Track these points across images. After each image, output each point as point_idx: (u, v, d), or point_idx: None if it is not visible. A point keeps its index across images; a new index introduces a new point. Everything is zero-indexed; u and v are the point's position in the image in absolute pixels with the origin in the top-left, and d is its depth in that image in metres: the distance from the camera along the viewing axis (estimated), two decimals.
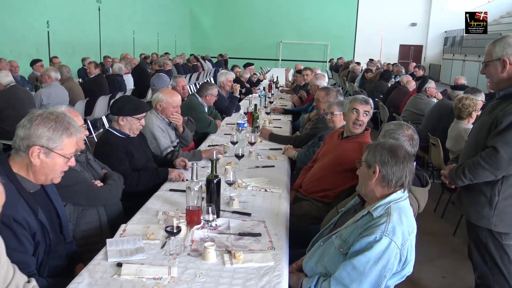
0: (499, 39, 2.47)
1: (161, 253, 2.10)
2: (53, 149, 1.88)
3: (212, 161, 2.54)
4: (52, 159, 1.89)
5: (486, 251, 2.59)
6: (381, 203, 1.96)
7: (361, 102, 3.27)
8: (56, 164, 1.91)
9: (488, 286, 2.65)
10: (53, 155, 1.88)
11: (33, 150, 1.85)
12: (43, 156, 1.86)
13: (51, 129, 1.87)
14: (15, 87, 5.54)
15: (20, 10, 10.85)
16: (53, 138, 1.87)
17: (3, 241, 1.60)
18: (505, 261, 2.55)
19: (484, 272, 2.65)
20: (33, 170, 1.90)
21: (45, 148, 1.86)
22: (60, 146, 1.89)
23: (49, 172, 1.92)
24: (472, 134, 2.73)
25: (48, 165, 1.89)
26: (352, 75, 12.66)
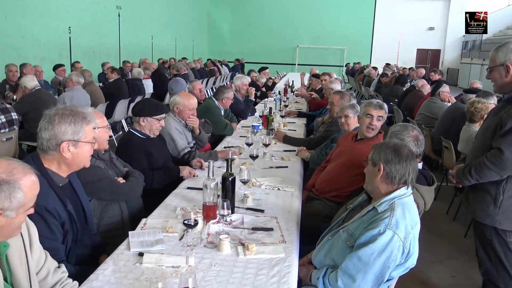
0: (501, 46, 2.57)
1: (179, 244, 2.24)
2: (79, 140, 2.06)
3: (227, 160, 2.68)
4: (80, 149, 2.07)
5: (491, 248, 2.67)
6: (385, 199, 2.08)
7: (375, 107, 3.38)
8: (85, 151, 2.11)
9: (492, 283, 2.73)
10: (81, 145, 2.07)
11: (63, 146, 2.02)
12: (72, 148, 2.04)
13: (72, 123, 2.04)
14: (40, 91, 5.78)
15: (43, 17, 11.20)
16: (76, 130, 2.05)
17: (35, 227, 1.77)
18: (509, 258, 2.63)
19: (489, 269, 2.73)
20: (67, 163, 2.07)
21: (72, 141, 2.04)
22: (83, 135, 2.07)
23: (81, 160, 2.12)
24: (478, 136, 2.82)
25: (78, 154, 2.08)
26: (368, 79, 12.72)
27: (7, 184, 1.47)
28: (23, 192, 1.49)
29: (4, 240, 1.57)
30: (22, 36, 10.59)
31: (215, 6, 27.16)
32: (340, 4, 25.58)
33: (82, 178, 2.57)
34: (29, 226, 1.73)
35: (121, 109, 7.51)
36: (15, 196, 1.47)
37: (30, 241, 1.71)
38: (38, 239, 1.77)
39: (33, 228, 1.75)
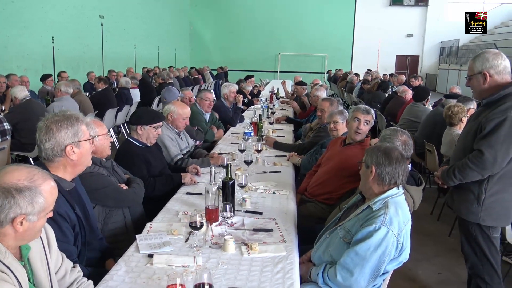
0: (478, 55, 2.79)
1: (186, 246, 2.37)
2: (80, 140, 2.17)
3: (227, 165, 2.81)
4: (83, 148, 2.19)
5: (476, 243, 2.86)
6: (379, 198, 2.24)
7: (363, 112, 3.57)
8: (87, 149, 2.23)
9: (478, 276, 2.92)
10: (82, 144, 2.19)
11: (68, 150, 2.14)
12: (76, 149, 2.16)
13: (69, 127, 2.15)
14: (30, 101, 5.82)
15: (27, 27, 11.19)
16: (75, 132, 2.16)
17: (52, 230, 1.87)
18: (493, 252, 2.83)
19: (474, 263, 2.92)
20: (73, 165, 2.18)
21: (75, 143, 2.15)
22: (82, 134, 2.19)
23: (85, 159, 2.24)
24: (460, 139, 3.02)
25: (83, 153, 2.20)
26: (350, 85, 12.98)
27: (29, 190, 1.56)
28: (43, 197, 1.59)
29: (26, 243, 1.67)
30: (5, 46, 10.57)
31: (197, 14, 27.31)
32: (321, 12, 25.98)
33: (87, 185, 2.68)
34: (47, 229, 1.83)
35: (110, 118, 7.58)
36: (37, 201, 1.57)
37: (49, 244, 1.81)
38: (55, 241, 1.87)
39: (51, 231, 1.85)
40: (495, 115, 2.64)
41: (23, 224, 1.55)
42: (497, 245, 2.85)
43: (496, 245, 2.84)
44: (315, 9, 25.94)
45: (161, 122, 3.50)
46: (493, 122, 2.63)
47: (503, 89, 2.68)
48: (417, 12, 26.17)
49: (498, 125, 2.60)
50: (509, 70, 2.73)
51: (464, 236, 2.96)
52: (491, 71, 2.71)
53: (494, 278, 2.86)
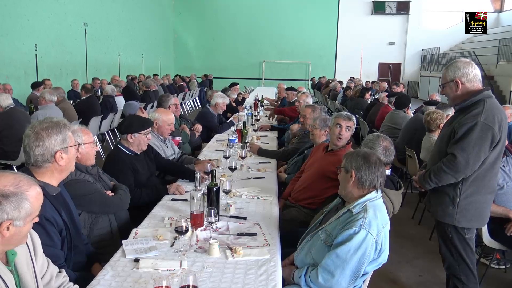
0: (450, 65, 2.94)
1: (171, 250, 2.42)
2: (68, 146, 2.22)
3: (211, 172, 2.87)
4: (70, 153, 2.24)
5: (452, 244, 2.97)
6: (359, 202, 2.32)
7: (344, 118, 3.67)
8: (73, 155, 2.28)
9: (455, 276, 3.03)
10: (69, 150, 2.23)
11: (57, 156, 2.18)
12: (64, 155, 2.20)
13: (58, 133, 2.20)
14: (14, 109, 5.80)
15: (8, 34, 11.11)
16: (64, 138, 2.21)
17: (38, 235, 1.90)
18: (468, 253, 2.95)
19: (451, 263, 3.03)
20: (60, 170, 2.22)
21: (63, 149, 2.20)
22: (69, 140, 2.24)
23: (71, 164, 2.28)
24: (436, 144, 3.14)
25: (70, 159, 2.25)
26: (333, 93, 13.16)
27: (15, 196, 1.60)
28: (29, 202, 1.63)
29: (13, 248, 1.70)
30: None
31: (180, 22, 27.38)
32: (304, 20, 26.28)
33: (73, 191, 2.71)
34: (32, 235, 1.86)
35: (95, 126, 7.57)
36: (23, 207, 1.61)
37: (35, 249, 1.85)
38: (41, 247, 1.90)
39: (36, 237, 1.89)
40: (467, 120, 2.77)
41: (9, 229, 1.58)
42: (472, 246, 2.97)
43: (472, 246, 2.96)
44: (298, 17, 26.24)
45: (150, 128, 3.56)
46: (465, 127, 2.76)
47: (474, 96, 2.81)
48: (398, 20, 26.62)
49: (469, 130, 2.72)
50: (479, 78, 2.88)
51: (441, 238, 3.07)
52: (462, 79, 2.85)
53: (470, 277, 2.98)
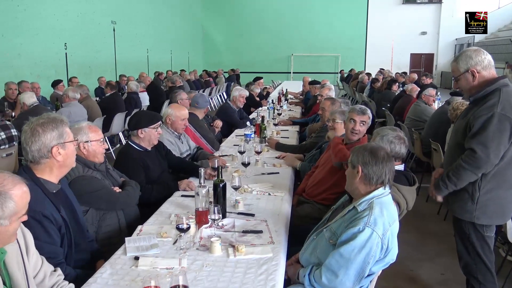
0: (459, 56, 2.79)
1: (173, 248, 2.38)
2: (65, 141, 2.21)
3: (217, 168, 2.82)
4: (68, 149, 2.23)
5: (469, 242, 2.83)
6: (365, 199, 2.22)
7: (358, 113, 3.54)
8: (72, 150, 2.27)
9: (471, 275, 2.90)
10: (67, 145, 2.22)
11: (54, 151, 2.17)
12: (61, 150, 2.19)
13: (54, 129, 2.18)
14: (38, 107, 5.92)
15: (39, 35, 11.41)
16: (60, 134, 2.20)
17: (31, 234, 1.89)
18: (486, 251, 2.80)
19: (468, 262, 2.89)
20: (59, 166, 2.22)
21: (60, 144, 2.19)
22: (66, 135, 2.23)
23: (70, 160, 2.27)
24: (451, 137, 2.99)
25: (68, 154, 2.24)
26: (361, 85, 12.91)
27: None
28: (14, 201, 1.62)
29: (2, 247, 1.69)
30: (19, 54, 10.79)
31: (208, 18, 27.50)
32: (333, 12, 25.94)
33: (80, 188, 2.72)
34: (25, 233, 1.86)
35: (118, 122, 7.66)
36: (7, 206, 1.60)
37: (27, 247, 1.84)
38: (34, 245, 1.89)
39: (29, 235, 1.88)
40: (482, 112, 2.63)
41: None
42: (491, 245, 2.83)
43: (490, 245, 2.82)
44: (326, 9, 25.90)
45: (160, 122, 3.56)
46: (481, 119, 2.61)
47: (488, 86, 2.67)
48: (430, 9, 25.88)
49: (486, 122, 2.58)
50: (493, 64, 2.74)
51: (458, 236, 2.94)
52: (477, 67, 2.71)
53: (487, 277, 2.84)
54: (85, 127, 2.85)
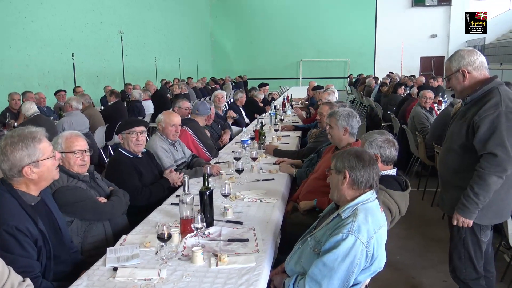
0: (453, 55, 2.74)
1: (155, 258, 2.31)
2: (38, 160, 2.12)
3: (204, 175, 2.75)
4: (43, 166, 2.15)
5: (463, 246, 2.78)
6: (349, 205, 2.13)
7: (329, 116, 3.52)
8: (49, 167, 2.18)
9: (458, 278, 2.88)
10: (41, 163, 2.14)
11: (25, 171, 2.10)
12: (35, 169, 2.12)
13: (24, 148, 2.09)
14: (39, 117, 5.95)
15: (46, 45, 11.51)
16: (31, 153, 2.10)
17: None
18: (478, 256, 2.77)
19: (457, 266, 2.86)
20: (34, 183, 2.16)
21: (32, 163, 2.11)
22: (40, 153, 2.13)
23: (48, 175, 2.20)
24: (445, 141, 2.88)
25: (43, 172, 2.16)
26: (368, 89, 12.77)
27: None
28: None
29: None
30: (27, 65, 10.89)
31: (217, 25, 27.61)
32: (342, 17, 25.86)
33: (64, 198, 2.68)
34: None
35: None
36: None
37: None
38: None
39: None
40: (487, 112, 2.53)
41: None
42: (482, 249, 2.77)
43: (482, 249, 2.77)
44: (335, 15, 25.84)
45: (138, 128, 3.49)
46: (487, 119, 2.52)
47: (485, 85, 2.60)
48: (440, 11, 25.65)
49: (494, 122, 2.50)
50: (485, 65, 2.68)
51: (452, 238, 2.88)
52: (468, 68, 2.66)
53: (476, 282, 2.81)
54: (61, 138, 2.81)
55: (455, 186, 2.76)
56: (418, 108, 6.46)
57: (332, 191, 2.28)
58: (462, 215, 2.68)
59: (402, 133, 6.71)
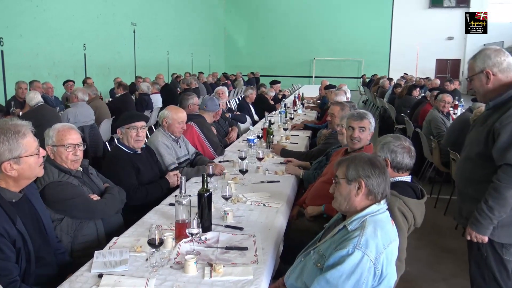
0: (478, 53, 2.48)
1: (145, 265, 2.13)
2: (20, 156, 1.95)
3: (203, 175, 2.57)
4: (25, 163, 1.98)
5: (486, 266, 2.51)
6: (357, 217, 1.93)
7: (356, 119, 3.26)
8: (31, 164, 2.01)
9: None
10: (23, 160, 1.97)
11: (5, 166, 1.94)
12: (15, 166, 1.95)
13: (5, 142, 1.93)
14: (42, 107, 5.81)
15: (58, 35, 11.39)
16: (13, 148, 1.94)
17: None
18: (504, 276, 2.47)
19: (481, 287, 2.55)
20: (14, 180, 2.00)
21: (13, 159, 1.94)
22: (23, 149, 1.96)
23: (30, 173, 2.03)
24: (464, 148, 2.65)
25: (25, 169, 1.99)
26: (381, 90, 12.50)
27: None
28: None
29: None
30: (37, 54, 10.78)
31: (231, 20, 27.39)
32: (357, 16, 25.49)
33: (54, 195, 2.52)
34: None
35: None
36: None
37: None
38: None
39: None
40: (510, 119, 2.29)
41: None
42: (509, 269, 2.47)
43: (508, 269, 2.47)
44: (350, 13, 25.48)
45: (138, 123, 3.31)
46: (509, 127, 2.28)
47: (510, 89, 2.35)
48: (457, 13, 25.10)
49: None
50: None
51: (473, 258, 2.60)
52: (494, 69, 2.39)
53: None
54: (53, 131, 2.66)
55: (472, 198, 2.52)
56: (435, 112, 6.20)
57: (339, 202, 2.06)
58: (475, 230, 2.46)
59: (416, 136, 6.47)
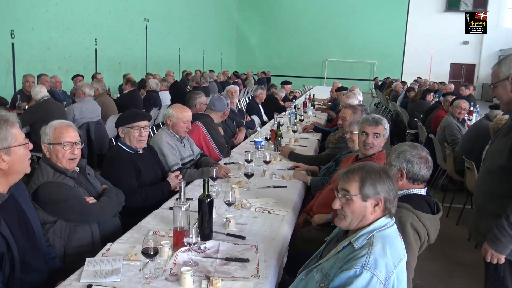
0: (503, 59, 2.32)
1: (138, 275, 2.00)
2: (9, 146, 1.87)
3: (204, 180, 2.43)
4: (15, 154, 1.89)
5: (503, 285, 2.33)
6: (363, 232, 1.77)
7: (370, 124, 3.10)
8: (21, 155, 1.92)
9: None
10: (13, 150, 1.88)
11: None
12: (6, 157, 1.86)
13: None
14: (48, 101, 5.71)
15: (69, 29, 11.34)
16: (2, 137, 1.85)
17: None
18: None
19: None
20: (5, 173, 1.89)
21: (3, 150, 1.85)
22: (12, 139, 1.88)
23: (19, 166, 1.93)
24: (487, 159, 2.48)
25: (15, 161, 1.89)
26: (394, 94, 12.28)
27: None
28: None
29: None
30: (48, 48, 10.73)
31: (244, 19, 27.24)
32: (371, 18, 25.20)
33: (48, 196, 2.41)
34: None
35: None
36: None
37: None
38: None
39: None
40: None
41: None
42: None
43: None
44: (365, 15, 25.20)
45: (141, 122, 3.17)
46: None
47: None
48: None
49: None
50: None
51: (489, 277, 2.45)
52: None
53: None
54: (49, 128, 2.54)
55: (491, 214, 2.36)
56: (451, 118, 6.01)
57: (349, 221, 1.85)
58: (494, 248, 2.30)
59: (429, 142, 6.28)
